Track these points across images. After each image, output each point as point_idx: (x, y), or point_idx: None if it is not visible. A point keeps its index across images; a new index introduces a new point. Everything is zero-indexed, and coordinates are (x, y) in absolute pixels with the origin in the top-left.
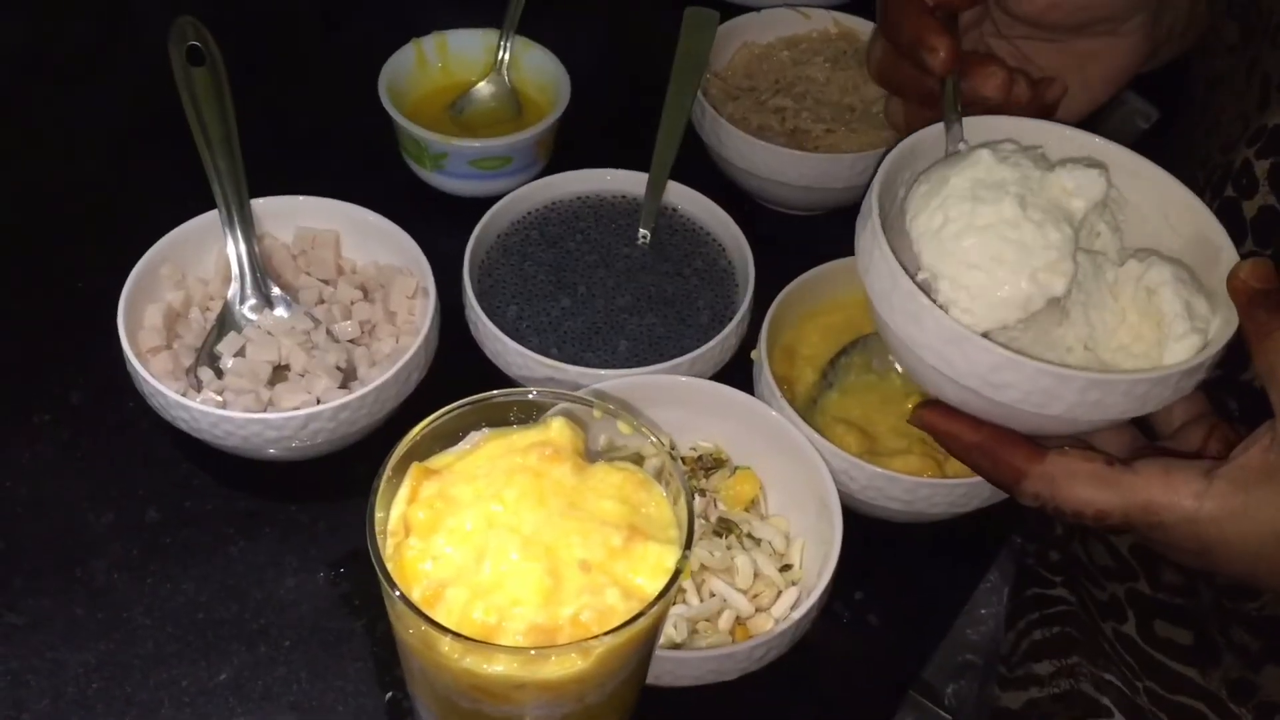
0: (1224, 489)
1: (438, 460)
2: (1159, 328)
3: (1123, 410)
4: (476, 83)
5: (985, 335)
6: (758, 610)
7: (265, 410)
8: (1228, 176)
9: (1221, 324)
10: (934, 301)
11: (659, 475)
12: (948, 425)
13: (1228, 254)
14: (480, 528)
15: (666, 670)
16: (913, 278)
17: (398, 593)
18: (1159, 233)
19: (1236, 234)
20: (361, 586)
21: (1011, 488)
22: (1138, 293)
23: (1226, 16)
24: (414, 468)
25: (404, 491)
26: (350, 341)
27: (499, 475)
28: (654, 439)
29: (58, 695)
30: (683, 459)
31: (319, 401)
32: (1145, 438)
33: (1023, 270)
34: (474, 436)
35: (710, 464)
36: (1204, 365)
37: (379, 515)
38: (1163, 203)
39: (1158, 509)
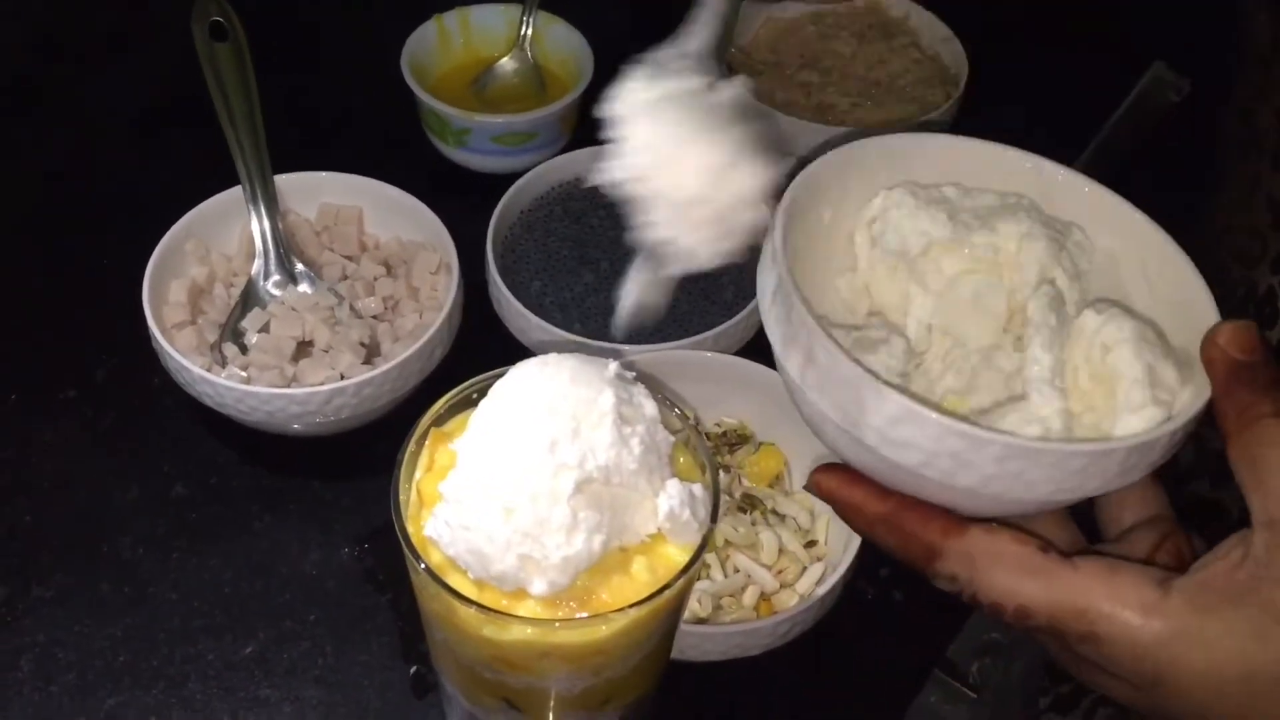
0: (1179, 606)
1: (454, 422)
2: (1113, 395)
3: (1054, 489)
4: (499, 58)
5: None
6: (782, 586)
7: (289, 386)
8: (1250, 299)
9: (1191, 398)
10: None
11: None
12: (848, 493)
13: (1209, 317)
14: None
15: (691, 645)
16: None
17: (424, 566)
18: (1132, 286)
19: None
20: (385, 562)
21: (924, 567)
22: (1092, 350)
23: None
24: (431, 434)
25: (423, 461)
26: (374, 317)
27: None
28: (679, 413)
29: (85, 668)
30: (707, 434)
31: (343, 377)
32: (1085, 540)
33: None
34: None
35: (734, 440)
36: (1160, 442)
37: (403, 487)
38: (1141, 251)
39: (1095, 617)
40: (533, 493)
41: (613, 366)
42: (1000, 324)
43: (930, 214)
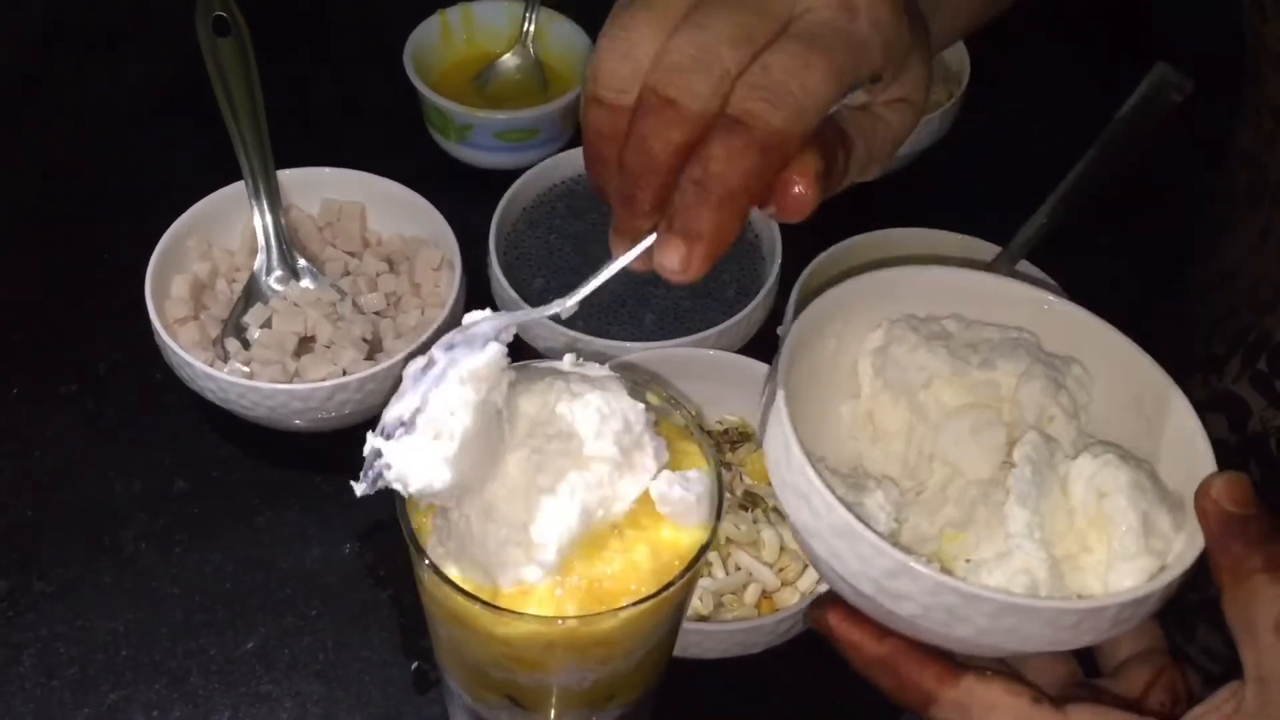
0: None
1: None
2: (1109, 539)
3: (1049, 642)
4: (502, 54)
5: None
6: (783, 584)
7: (292, 381)
8: (1264, 347)
9: (1185, 545)
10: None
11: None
12: (848, 633)
13: (1204, 461)
14: None
15: (692, 643)
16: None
17: (427, 561)
18: (1130, 422)
19: (1268, 406)
20: (387, 557)
21: (919, 712)
22: (1088, 495)
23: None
24: None
25: None
26: (376, 313)
27: None
28: (682, 411)
29: (86, 663)
30: (709, 432)
31: (345, 373)
32: (1083, 670)
33: None
34: None
35: (736, 437)
36: (1153, 597)
37: None
38: (1139, 388)
39: None
40: (494, 482)
41: (567, 359)
42: (999, 458)
43: (931, 349)
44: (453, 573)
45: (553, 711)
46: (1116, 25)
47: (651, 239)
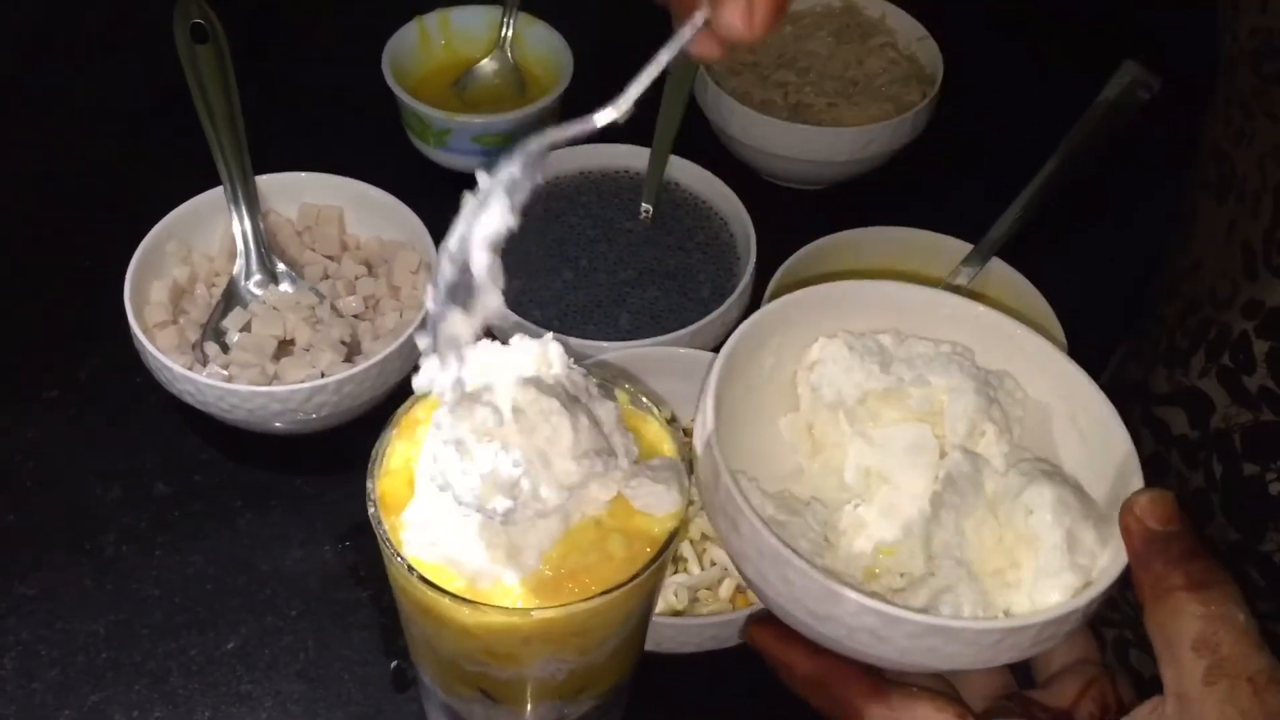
0: None
1: (425, 409)
2: (1036, 555)
3: (971, 660)
4: (480, 59)
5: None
6: None
7: (271, 384)
8: (1225, 343)
9: (1110, 560)
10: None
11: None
12: (780, 652)
13: (1132, 476)
14: None
15: (667, 637)
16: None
17: (399, 558)
18: (1063, 435)
19: (1232, 403)
20: (367, 558)
21: None
22: (1014, 512)
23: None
24: (403, 423)
25: (399, 454)
26: (354, 316)
27: None
28: (654, 410)
29: (67, 665)
30: (683, 430)
31: (323, 375)
32: (1019, 681)
33: None
34: None
35: None
36: (1075, 615)
37: (380, 482)
38: (1071, 402)
39: None
40: (473, 490)
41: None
42: (933, 473)
43: (864, 366)
44: (427, 569)
45: (527, 705)
46: (1087, 24)
47: (702, 16)
